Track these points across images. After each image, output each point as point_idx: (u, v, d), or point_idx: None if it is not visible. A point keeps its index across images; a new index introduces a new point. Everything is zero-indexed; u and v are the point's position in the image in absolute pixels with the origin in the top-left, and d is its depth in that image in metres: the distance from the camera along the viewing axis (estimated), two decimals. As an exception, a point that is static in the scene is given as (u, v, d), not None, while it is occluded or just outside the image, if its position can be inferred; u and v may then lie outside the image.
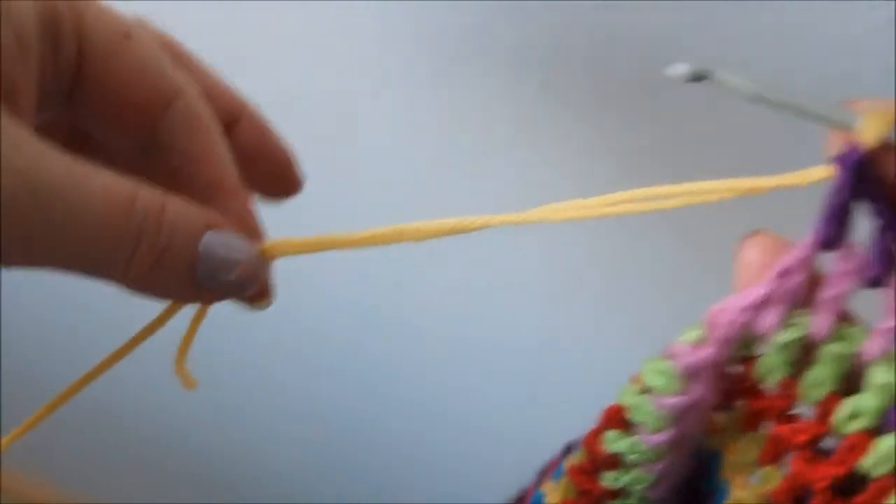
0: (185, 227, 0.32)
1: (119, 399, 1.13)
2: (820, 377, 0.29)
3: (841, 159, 0.30)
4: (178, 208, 0.32)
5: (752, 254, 0.31)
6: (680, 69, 0.30)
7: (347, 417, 1.01)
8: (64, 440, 1.28)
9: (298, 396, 1.03)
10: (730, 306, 0.30)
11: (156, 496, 1.29)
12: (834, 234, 0.30)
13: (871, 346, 0.29)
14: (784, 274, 0.30)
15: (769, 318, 0.29)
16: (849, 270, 0.29)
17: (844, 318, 0.30)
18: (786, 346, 0.29)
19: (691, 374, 0.31)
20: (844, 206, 0.29)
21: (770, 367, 0.30)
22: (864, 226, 0.30)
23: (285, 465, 1.14)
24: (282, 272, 0.41)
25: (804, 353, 0.30)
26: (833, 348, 0.29)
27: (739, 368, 0.31)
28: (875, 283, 0.29)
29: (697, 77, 0.30)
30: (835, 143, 0.30)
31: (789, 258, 0.30)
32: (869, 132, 0.29)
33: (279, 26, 0.78)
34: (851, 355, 0.29)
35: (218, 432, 1.16)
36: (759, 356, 0.30)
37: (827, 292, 0.29)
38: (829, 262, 0.30)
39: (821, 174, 0.31)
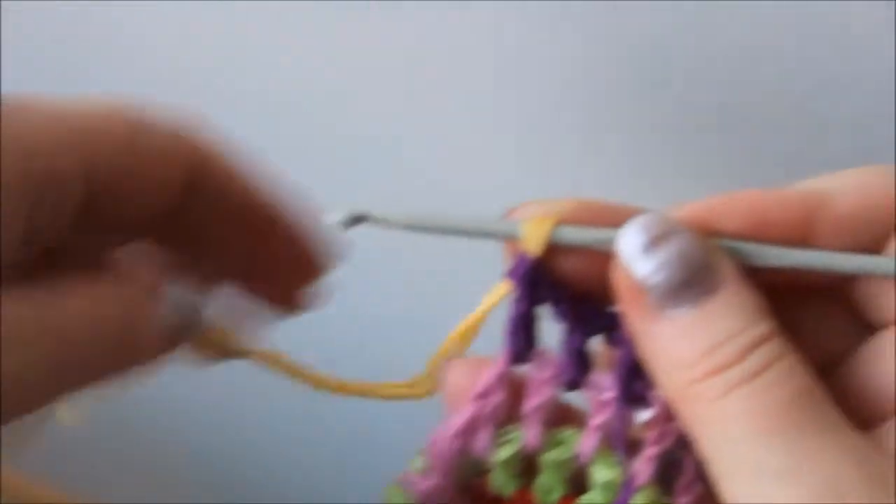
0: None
1: (120, 399, 1.13)
2: (548, 484, 0.30)
3: (511, 273, 0.30)
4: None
5: (455, 378, 0.32)
6: (335, 216, 0.30)
7: (349, 417, 1.01)
8: (64, 439, 1.28)
9: (298, 396, 1.03)
10: (441, 435, 0.31)
11: (156, 497, 1.29)
12: (523, 346, 0.30)
13: (585, 446, 0.29)
14: (482, 396, 0.30)
15: (480, 440, 0.30)
16: (546, 378, 0.30)
17: (556, 423, 0.30)
18: (506, 462, 0.30)
19: (427, 500, 0.31)
20: (526, 318, 0.30)
21: (499, 483, 0.31)
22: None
23: (285, 465, 1.14)
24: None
25: (528, 464, 0.31)
26: (551, 456, 0.30)
27: (479, 482, 0.32)
28: (573, 386, 0.30)
29: (354, 221, 0.30)
30: (508, 256, 0.31)
31: (484, 380, 0.30)
32: (531, 241, 0.29)
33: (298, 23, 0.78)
34: (570, 459, 0.30)
35: (219, 433, 1.16)
36: (489, 473, 0.31)
37: (529, 404, 0.30)
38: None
39: (502, 291, 0.30)
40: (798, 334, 0.30)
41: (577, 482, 0.31)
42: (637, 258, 0.28)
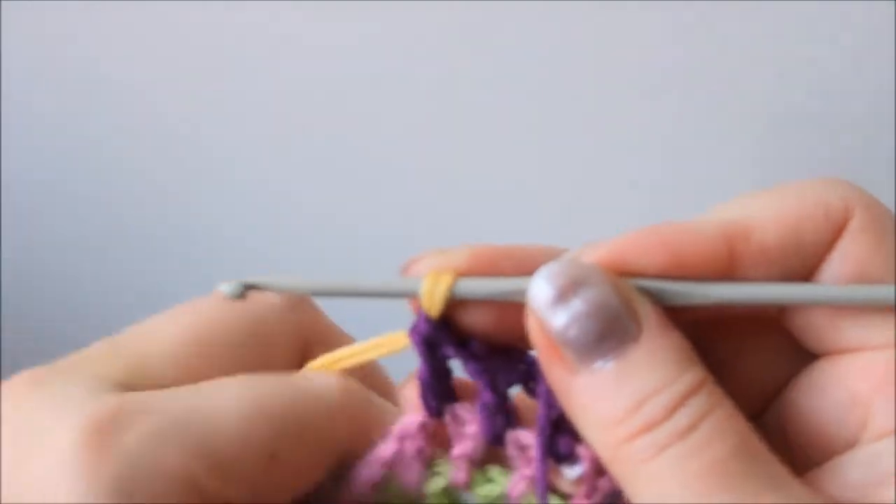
0: None
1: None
2: None
3: (411, 334, 0.28)
4: None
5: (409, 393, 0.30)
6: (226, 288, 0.28)
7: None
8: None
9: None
10: (370, 461, 0.30)
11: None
12: (436, 404, 0.29)
13: (514, 488, 0.28)
14: (403, 438, 0.29)
15: (410, 473, 0.30)
16: (468, 433, 0.29)
17: (483, 464, 0.30)
18: (437, 495, 0.30)
19: None
20: (433, 378, 0.28)
21: None
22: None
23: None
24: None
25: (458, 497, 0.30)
26: (482, 491, 0.29)
27: None
28: (496, 441, 0.29)
29: (241, 293, 0.28)
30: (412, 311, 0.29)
31: (404, 425, 0.29)
32: (430, 299, 0.27)
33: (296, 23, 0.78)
34: (500, 496, 0.29)
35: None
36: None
37: (454, 452, 0.29)
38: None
39: (399, 342, 0.29)
40: (733, 367, 0.29)
41: None
42: (548, 312, 0.26)
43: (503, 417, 0.29)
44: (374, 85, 0.77)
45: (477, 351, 0.28)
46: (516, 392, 0.30)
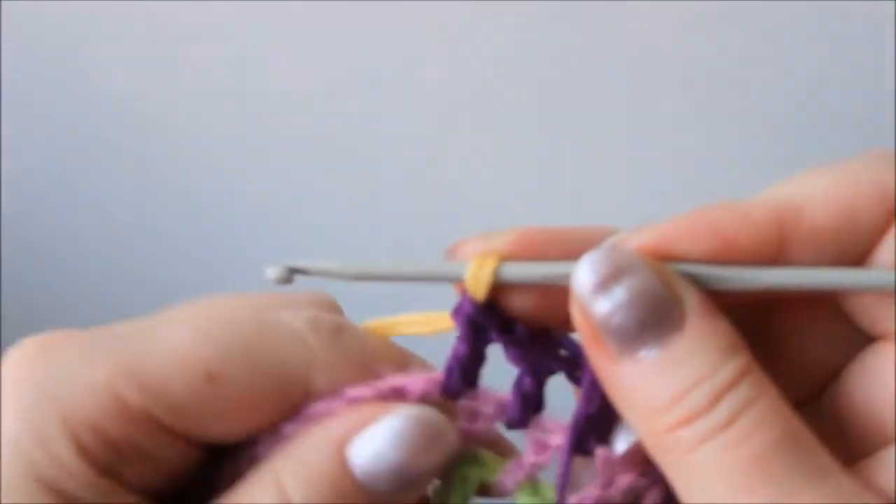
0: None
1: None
2: (449, 497, 0.29)
3: (454, 315, 0.28)
4: None
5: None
6: (272, 272, 0.27)
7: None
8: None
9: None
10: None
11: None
12: (458, 385, 0.28)
13: (508, 478, 0.28)
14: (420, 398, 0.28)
15: None
16: (487, 414, 0.28)
17: (491, 446, 0.29)
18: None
19: None
20: (464, 360, 0.28)
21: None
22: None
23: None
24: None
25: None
26: (463, 472, 0.28)
27: None
28: (516, 425, 0.28)
29: (289, 277, 0.27)
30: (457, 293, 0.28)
31: (415, 389, 0.28)
32: (474, 283, 0.27)
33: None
34: (484, 481, 0.29)
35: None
36: None
37: (459, 426, 0.28)
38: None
39: (445, 323, 0.28)
40: (787, 348, 0.28)
41: None
42: (591, 300, 0.25)
43: (531, 405, 0.28)
44: (375, 83, 0.77)
45: (520, 336, 0.28)
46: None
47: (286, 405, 0.27)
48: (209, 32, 0.82)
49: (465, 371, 0.28)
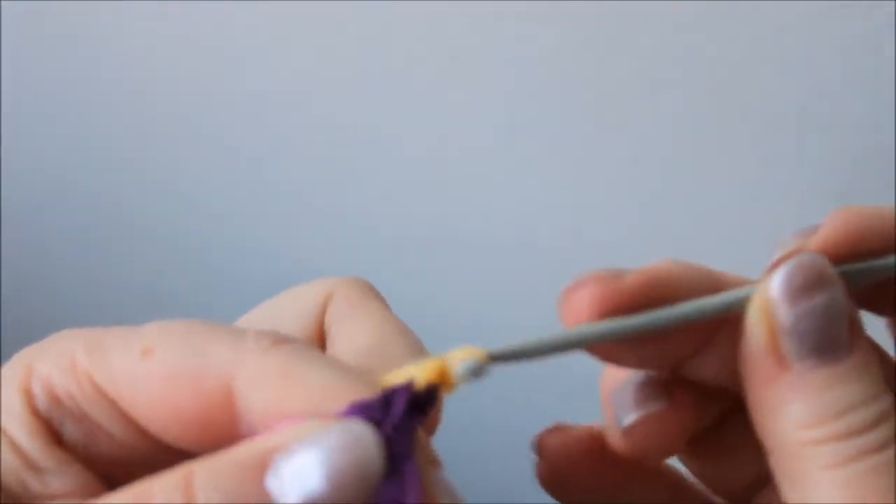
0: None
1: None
2: None
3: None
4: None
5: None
6: (461, 372, 0.25)
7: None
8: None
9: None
10: None
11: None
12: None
13: None
14: None
15: None
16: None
17: None
18: None
19: None
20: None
21: None
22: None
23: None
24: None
25: None
26: None
27: None
28: None
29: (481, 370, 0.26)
30: None
31: None
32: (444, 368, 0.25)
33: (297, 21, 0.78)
34: None
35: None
36: None
37: None
38: None
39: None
40: None
41: None
42: (784, 303, 0.27)
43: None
44: (378, 82, 0.77)
45: None
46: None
47: (206, 396, 0.26)
48: (210, 32, 0.82)
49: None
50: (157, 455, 0.27)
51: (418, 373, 0.26)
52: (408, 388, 0.25)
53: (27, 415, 0.26)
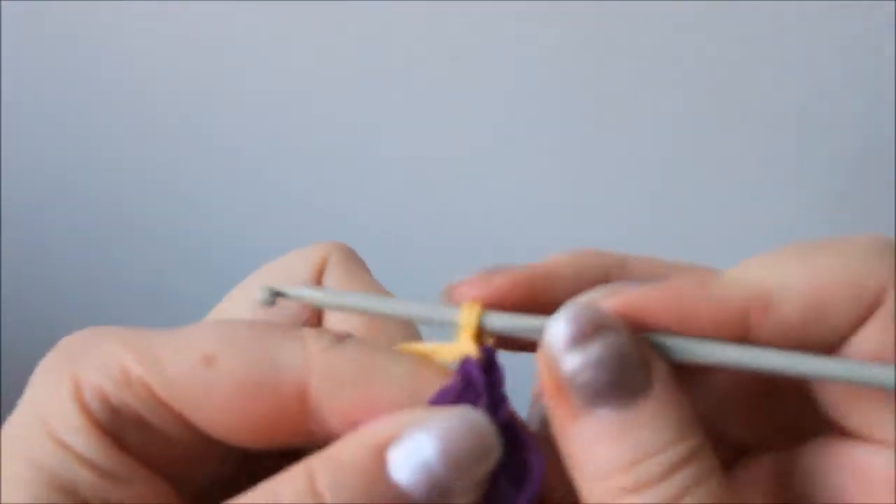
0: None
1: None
2: None
3: (461, 367, 0.27)
4: None
5: None
6: (257, 294, 0.28)
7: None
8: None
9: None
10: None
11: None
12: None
13: None
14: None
15: None
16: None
17: None
18: None
19: None
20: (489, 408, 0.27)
21: None
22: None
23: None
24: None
25: None
26: None
27: None
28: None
29: (272, 300, 0.28)
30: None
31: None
32: (465, 335, 0.27)
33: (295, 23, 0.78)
34: None
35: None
36: None
37: None
38: None
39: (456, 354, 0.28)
40: (752, 420, 0.28)
41: None
42: (564, 352, 0.25)
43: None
44: (378, 82, 0.77)
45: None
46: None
47: (281, 402, 0.27)
48: (210, 32, 0.82)
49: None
50: (215, 451, 0.28)
51: (455, 346, 0.27)
52: (473, 362, 0.27)
53: (90, 427, 0.26)
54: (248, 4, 0.78)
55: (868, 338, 0.25)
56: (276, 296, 0.28)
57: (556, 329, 0.25)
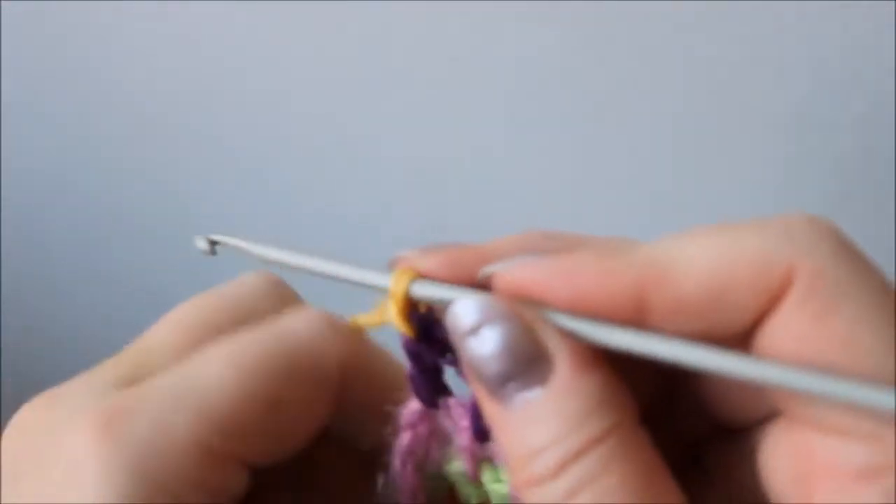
0: None
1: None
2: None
3: (401, 339, 0.28)
4: None
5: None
6: (197, 243, 0.29)
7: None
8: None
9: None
10: (395, 460, 0.30)
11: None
12: (429, 397, 0.28)
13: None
14: (411, 426, 0.29)
15: (432, 458, 0.29)
16: (462, 426, 0.28)
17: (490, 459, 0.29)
18: (462, 474, 0.29)
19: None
20: (421, 377, 0.28)
21: (466, 492, 0.29)
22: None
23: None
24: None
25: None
26: (494, 488, 0.28)
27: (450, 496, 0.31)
28: (483, 437, 0.28)
29: (211, 249, 0.29)
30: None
31: (407, 414, 0.29)
32: (393, 297, 0.27)
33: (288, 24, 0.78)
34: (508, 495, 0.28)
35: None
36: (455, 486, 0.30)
37: (458, 443, 0.29)
38: None
39: (384, 318, 0.28)
40: (685, 391, 0.27)
41: None
42: (463, 341, 0.25)
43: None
44: (378, 82, 0.77)
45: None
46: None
47: (332, 397, 0.28)
48: (210, 32, 0.82)
49: (426, 386, 0.28)
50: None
51: (380, 312, 0.28)
52: (409, 340, 0.27)
53: None
54: (248, 4, 0.78)
55: (780, 326, 0.23)
56: (213, 244, 0.29)
57: (453, 318, 0.25)
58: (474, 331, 0.24)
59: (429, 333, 0.28)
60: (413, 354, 0.28)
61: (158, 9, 0.81)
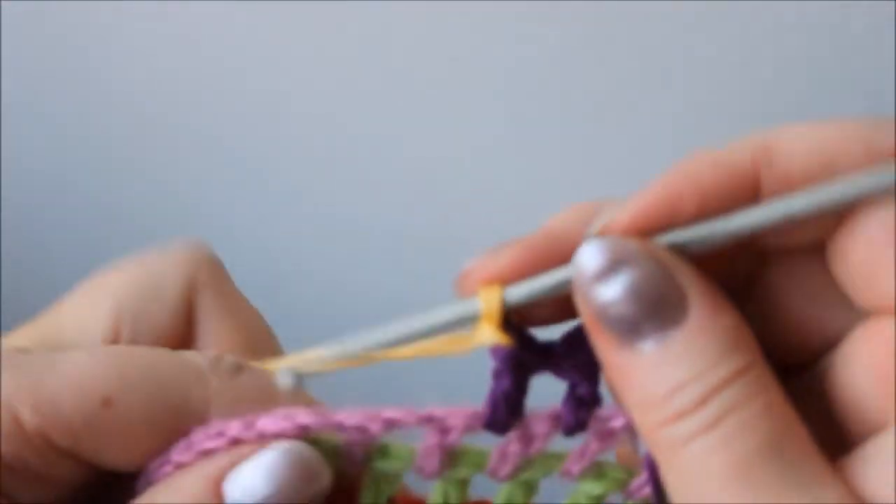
0: None
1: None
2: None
3: (493, 353, 0.27)
4: None
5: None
6: (281, 381, 0.28)
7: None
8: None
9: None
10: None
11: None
12: (505, 418, 0.27)
13: (574, 467, 0.28)
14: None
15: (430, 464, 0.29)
16: (542, 433, 0.28)
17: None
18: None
19: None
20: (511, 392, 0.27)
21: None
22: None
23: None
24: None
25: None
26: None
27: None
28: (574, 430, 0.28)
29: (299, 383, 0.28)
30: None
31: (454, 417, 0.28)
32: (490, 319, 0.26)
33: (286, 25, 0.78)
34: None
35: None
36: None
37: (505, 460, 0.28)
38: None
39: (465, 345, 0.27)
40: (784, 309, 0.27)
41: None
42: (592, 288, 0.25)
43: (591, 405, 0.28)
44: (378, 82, 0.77)
45: (560, 352, 0.28)
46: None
47: (182, 435, 0.27)
48: (210, 32, 0.82)
49: (511, 405, 0.28)
50: (92, 476, 0.28)
51: (479, 334, 0.27)
52: (502, 352, 0.27)
53: None
54: (248, 4, 0.78)
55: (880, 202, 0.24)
56: (300, 378, 0.28)
57: (582, 265, 0.25)
58: (602, 275, 0.25)
59: (525, 343, 0.27)
60: (514, 366, 0.27)
61: (158, 9, 0.81)
